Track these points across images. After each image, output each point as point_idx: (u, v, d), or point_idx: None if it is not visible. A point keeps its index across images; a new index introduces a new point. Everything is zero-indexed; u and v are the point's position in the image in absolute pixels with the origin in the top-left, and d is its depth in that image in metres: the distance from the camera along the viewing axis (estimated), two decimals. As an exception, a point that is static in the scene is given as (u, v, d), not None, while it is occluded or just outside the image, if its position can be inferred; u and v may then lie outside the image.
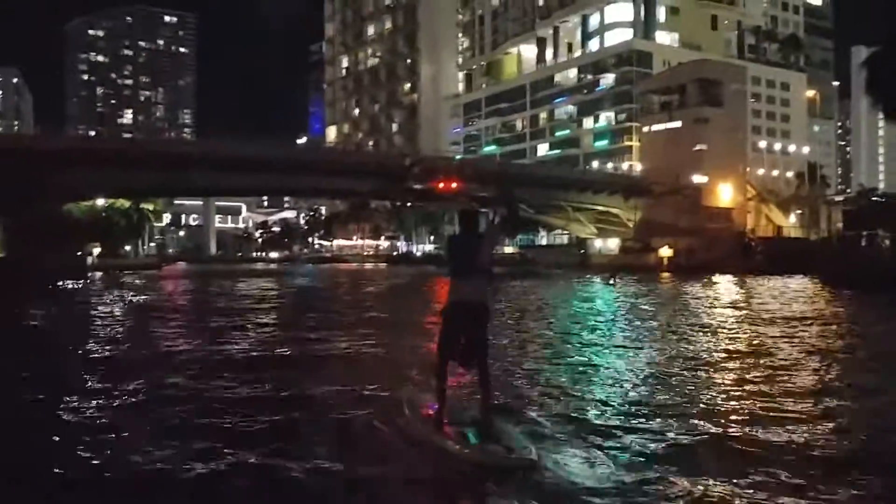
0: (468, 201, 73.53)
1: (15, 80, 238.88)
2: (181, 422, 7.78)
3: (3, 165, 50.83)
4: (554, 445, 6.53)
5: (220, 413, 8.08)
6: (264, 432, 7.27)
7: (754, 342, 14.70)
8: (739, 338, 15.61)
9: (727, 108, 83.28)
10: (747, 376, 10.57)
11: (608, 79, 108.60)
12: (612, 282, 40.23)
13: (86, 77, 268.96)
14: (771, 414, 8.06)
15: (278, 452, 6.47)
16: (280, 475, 5.94)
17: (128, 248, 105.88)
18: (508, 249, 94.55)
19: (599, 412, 8.10)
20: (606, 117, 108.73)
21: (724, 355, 12.95)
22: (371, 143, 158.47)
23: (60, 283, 44.27)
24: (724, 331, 17.16)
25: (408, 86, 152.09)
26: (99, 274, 64.27)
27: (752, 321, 19.45)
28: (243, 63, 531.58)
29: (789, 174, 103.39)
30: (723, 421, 7.74)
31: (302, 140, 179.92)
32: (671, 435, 7.10)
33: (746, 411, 8.24)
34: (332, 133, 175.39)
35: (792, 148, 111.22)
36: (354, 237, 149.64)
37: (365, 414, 7.76)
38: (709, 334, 16.29)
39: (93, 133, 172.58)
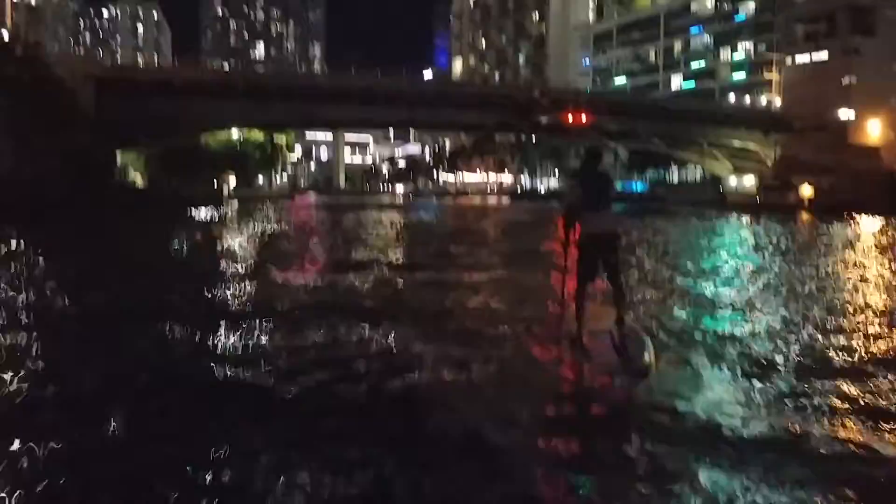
0: (597, 135, 72.03)
1: (155, 15, 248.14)
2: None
3: (145, 97, 53.01)
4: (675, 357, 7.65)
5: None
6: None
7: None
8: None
9: (880, 37, 77.10)
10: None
11: (748, 7, 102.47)
12: (753, 222, 38.45)
13: (220, 11, 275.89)
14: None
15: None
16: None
17: (261, 179, 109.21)
18: (639, 187, 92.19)
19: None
20: (745, 48, 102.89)
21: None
22: (497, 75, 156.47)
23: (197, 211, 45.86)
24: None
25: (536, 15, 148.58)
26: (234, 203, 66.55)
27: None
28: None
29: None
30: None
31: (428, 73, 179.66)
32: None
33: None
34: (457, 66, 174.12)
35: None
36: (478, 171, 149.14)
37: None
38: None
39: (226, 66, 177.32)
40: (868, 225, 38.41)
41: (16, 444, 4.90)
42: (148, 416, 5.73)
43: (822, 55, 78.26)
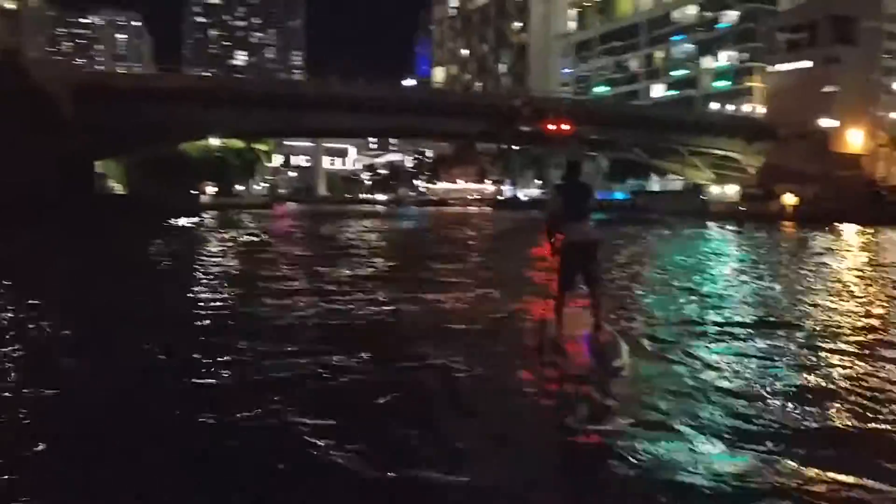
0: (578, 144, 71.84)
1: (136, 24, 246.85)
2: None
3: (125, 105, 52.25)
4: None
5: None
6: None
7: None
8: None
9: (861, 46, 77.51)
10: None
11: (730, 16, 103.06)
12: (739, 230, 38.26)
13: (200, 19, 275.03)
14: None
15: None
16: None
17: (240, 187, 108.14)
18: (619, 195, 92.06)
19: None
20: (727, 57, 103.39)
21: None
22: (478, 84, 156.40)
23: (175, 220, 45.25)
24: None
25: (518, 24, 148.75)
26: (213, 212, 65.65)
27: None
28: (352, 4, 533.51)
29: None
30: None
31: (409, 82, 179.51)
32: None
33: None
34: (439, 74, 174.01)
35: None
36: (459, 180, 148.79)
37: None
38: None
39: (207, 74, 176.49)
40: (854, 235, 38.23)
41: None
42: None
43: (804, 64, 78.50)
